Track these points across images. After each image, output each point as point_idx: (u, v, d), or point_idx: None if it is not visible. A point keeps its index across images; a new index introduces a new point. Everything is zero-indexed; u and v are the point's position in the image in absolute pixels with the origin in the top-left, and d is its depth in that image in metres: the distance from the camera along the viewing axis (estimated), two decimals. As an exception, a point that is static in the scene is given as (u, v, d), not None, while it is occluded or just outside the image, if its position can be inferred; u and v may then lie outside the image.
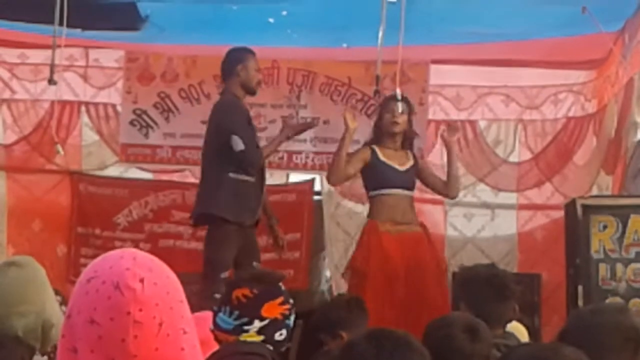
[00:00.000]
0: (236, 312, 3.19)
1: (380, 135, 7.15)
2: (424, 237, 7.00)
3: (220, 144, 6.72)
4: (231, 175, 6.70)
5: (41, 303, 3.22)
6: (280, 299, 3.23)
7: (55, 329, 3.19)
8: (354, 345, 2.65)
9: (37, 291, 3.26)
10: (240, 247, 6.67)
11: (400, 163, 7.08)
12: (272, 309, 3.20)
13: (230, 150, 6.63)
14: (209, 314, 3.29)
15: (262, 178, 6.93)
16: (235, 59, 6.94)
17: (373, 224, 6.95)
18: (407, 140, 7.17)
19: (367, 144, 7.23)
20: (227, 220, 6.62)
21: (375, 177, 7.05)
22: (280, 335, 3.21)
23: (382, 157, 7.06)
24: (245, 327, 3.17)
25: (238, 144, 6.61)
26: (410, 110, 7.15)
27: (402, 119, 7.02)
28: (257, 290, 3.20)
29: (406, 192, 7.02)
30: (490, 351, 3.63)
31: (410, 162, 7.10)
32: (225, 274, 6.31)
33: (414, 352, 2.63)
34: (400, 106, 6.88)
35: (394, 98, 6.89)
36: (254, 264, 6.64)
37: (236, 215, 6.66)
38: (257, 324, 3.17)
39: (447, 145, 7.18)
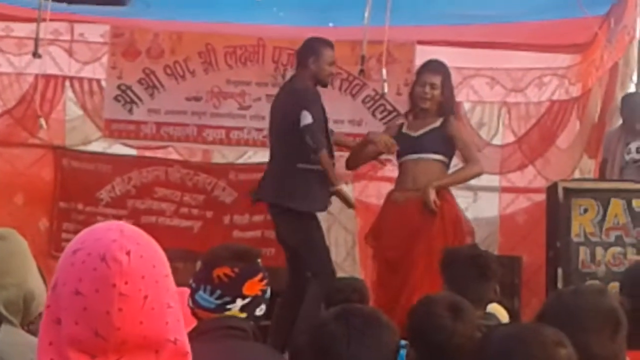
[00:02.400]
0: (218, 292, 3.19)
1: (413, 105, 6.98)
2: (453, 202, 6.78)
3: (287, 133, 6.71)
4: (300, 166, 6.65)
5: (23, 276, 3.22)
6: (260, 276, 3.23)
7: (36, 302, 3.19)
8: (323, 325, 2.65)
9: (20, 264, 3.25)
10: None
11: (417, 128, 6.86)
12: (253, 286, 3.21)
13: (295, 138, 6.58)
14: (186, 290, 3.28)
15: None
16: (309, 50, 6.85)
17: (388, 193, 6.96)
18: (443, 109, 6.84)
19: (405, 113, 7.15)
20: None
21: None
22: (260, 310, 3.23)
23: (404, 129, 6.95)
24: (228, 306, 3.18)
25: (306, 118, 6.54)
26: (444, 80, 6.87)
27: (433, 93, 6.80)
28: (237, 269, 3.20)
29: (416, 156, 6.75)
30: (474, 332, 3.63)
31: (432, 126, 6.81)
32: None
33: (384, 329, 2.63)
34: (432, 79, 6.78)
35: (426, 68, 6.86)
36: None
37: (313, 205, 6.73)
38: (240, 302, 3.18)
39: None
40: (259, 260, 3.31)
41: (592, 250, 6.27)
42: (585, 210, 6.30)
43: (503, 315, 5.14)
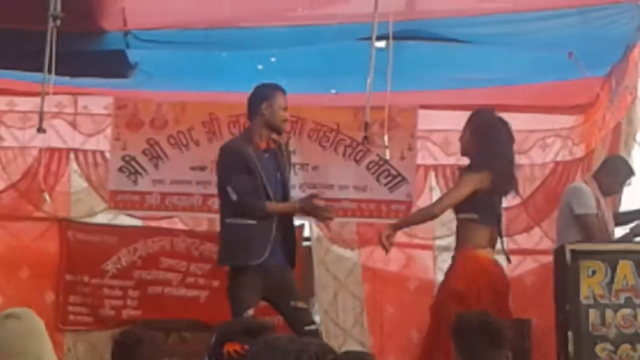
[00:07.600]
0: None
1: None
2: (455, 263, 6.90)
3: (220, 191, 6.77)
4: (227, 221, 6.65)
5: (38, 355, 3.22)
6: None
7: (51, 380, 3.19)
8: None
9: (35, 343, 3.26)
10: (268, 289, 6.55)
11: None
12: None
13: (226, 197, 6.61)
14: None
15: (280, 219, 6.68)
16: (260, 97, 6.73)
17: None
18: (474, 160, 6.88)
19: None
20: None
21: None
22: None
23: None
24: None
25: (232, 195, 6.56)
26: (472, 128, 6.93)
27: (461, 141, 7.01)
28: (248, 346, 3.17)
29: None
30: None
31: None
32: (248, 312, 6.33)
33: None
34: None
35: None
36: (291, 303, 6.58)
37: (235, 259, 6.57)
38: None
39: None
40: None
41: (602, 312, 6.21)
42: (594, 272, 6.25)
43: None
